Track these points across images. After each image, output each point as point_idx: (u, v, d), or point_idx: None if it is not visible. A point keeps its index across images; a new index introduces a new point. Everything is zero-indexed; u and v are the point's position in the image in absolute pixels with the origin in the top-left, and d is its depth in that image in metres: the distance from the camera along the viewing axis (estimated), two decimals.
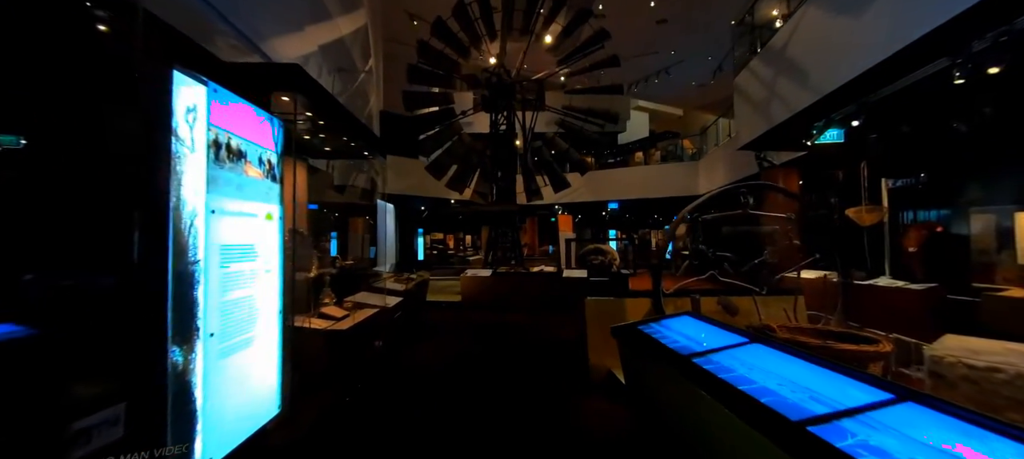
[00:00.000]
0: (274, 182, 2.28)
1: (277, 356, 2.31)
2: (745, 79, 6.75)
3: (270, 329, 2.25)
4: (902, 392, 1.60)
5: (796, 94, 5.02)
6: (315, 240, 3.96)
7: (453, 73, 10.95)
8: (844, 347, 2.62)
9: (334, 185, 6.10)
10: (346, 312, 4.06)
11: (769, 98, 5.75)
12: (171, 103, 1.56)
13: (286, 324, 2.40)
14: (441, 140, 11.42)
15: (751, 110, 6.44)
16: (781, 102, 5.37)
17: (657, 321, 3.19)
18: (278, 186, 2.33)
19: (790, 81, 5.19)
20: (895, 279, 5.94)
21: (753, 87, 6.34)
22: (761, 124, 6.08)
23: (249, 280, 2.06)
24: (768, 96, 5.78)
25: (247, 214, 2.05)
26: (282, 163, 2.35)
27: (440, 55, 10.60)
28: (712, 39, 15.49)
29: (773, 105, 5.62)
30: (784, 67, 5.36)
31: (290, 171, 2.82)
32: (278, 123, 2.31)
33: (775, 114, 5.56)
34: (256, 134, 2.12)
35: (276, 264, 2.32)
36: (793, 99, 5.05)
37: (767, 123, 5.83)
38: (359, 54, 9.68)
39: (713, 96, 19.81)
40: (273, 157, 2.28)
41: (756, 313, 3.70)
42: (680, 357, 2.34)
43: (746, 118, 6.69)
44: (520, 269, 9.88)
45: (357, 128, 3.59)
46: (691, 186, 14.71)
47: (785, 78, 5.33)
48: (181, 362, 1.61)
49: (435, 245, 23.66)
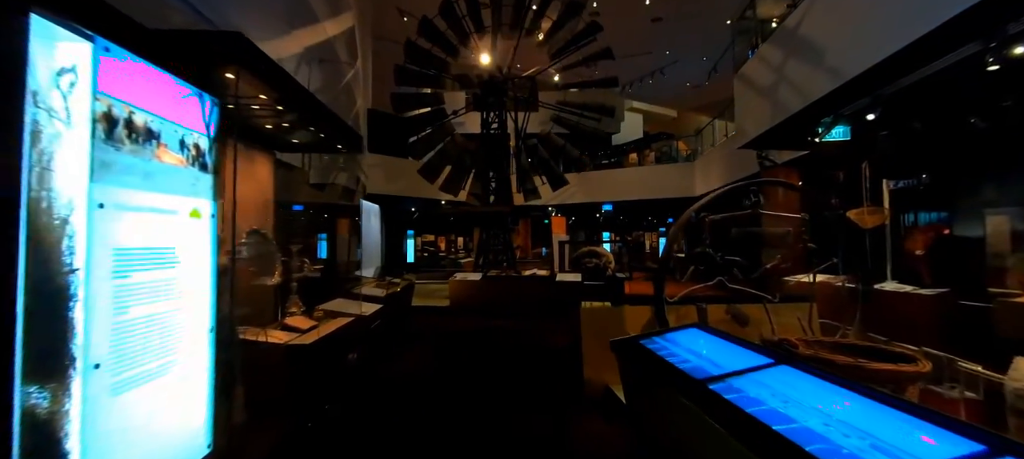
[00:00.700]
0: (204, 172, 1.88)
1: (207, 383, 1.90)
2: (750, 71, 6.41)
3: (197, 351, 1.84)
4: (995, 442, 1.24)
5: (809, 84, 4.66)
6: (284, 242, 3.54)
7: (443, 72, 10.58)
8: (880, 367, 2.27)
9: (311, 184, 5.68)
10: (315, 322, 3.65)
11: (776, 91, 5.42)
12: (25, 59, 1.15)
13: (221, 343, 1.99)
14: (433, 142, 11.02)
15: (754, 106, 6.12)
16: (791, 94, 5.03)
17: (661, 334, 2.82)
18: (210, 177, 1.92)
19: (802, 70, 4.83)
20: (901, 284, 5.64)
21: (758, 80, 6.01)
22: (765, 120, 5.76)
23: (164, 292, 1.65)
24: (775, 89, 5.45)
25: (161, 210, 1.64)
26: (217, 150, 1.94)
27: (428, 55, 10.22)
28: (708, 38, 15.26)
29: (780, 98, 5.30)
30: (796, 54, 4.99)
31: (234, 161, 2.41)
32: (211, 100, 1.91)
33: (783, 108, 5.23)
34: (176, 111, 1.72)
35: (207, 272, 1.91)
36: (806, 89, 4.68)
37: (771, 118, 5.51)
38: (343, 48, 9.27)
39: (708, 97, 19.63)
40: (203, 141, 1.87)
41: (768, 323, 3.35)
42: (693, 382, 1.97)
43: (749, 114, 6.37)
44: (512, 272, 9.50)
45: (324, 116, 3.19)
46: (687, 187, 14.44)
47: (796, 66, 4.96)
48: (45, 405, 1.20)
49: (426, 247, 23.19)
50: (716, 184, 11.60)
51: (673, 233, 3.17)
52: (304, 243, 3.68)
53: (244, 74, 2.53)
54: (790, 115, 4.90)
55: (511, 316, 7.68)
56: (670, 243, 3.08)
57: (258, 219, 3.56)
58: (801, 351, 2.52)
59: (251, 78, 2.80)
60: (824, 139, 5.21)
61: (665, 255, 3.03)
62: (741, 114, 7.03)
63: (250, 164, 3.43)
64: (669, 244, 3.11)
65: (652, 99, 21.69)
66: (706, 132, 15.12)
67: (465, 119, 12.48)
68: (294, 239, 4.19)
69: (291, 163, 4.81)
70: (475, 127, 11.52)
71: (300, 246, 3.68)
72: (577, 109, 10.82)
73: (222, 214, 1.96)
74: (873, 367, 2.28)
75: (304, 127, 3.55)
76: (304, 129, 3.59)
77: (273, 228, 3.85)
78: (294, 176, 4.64)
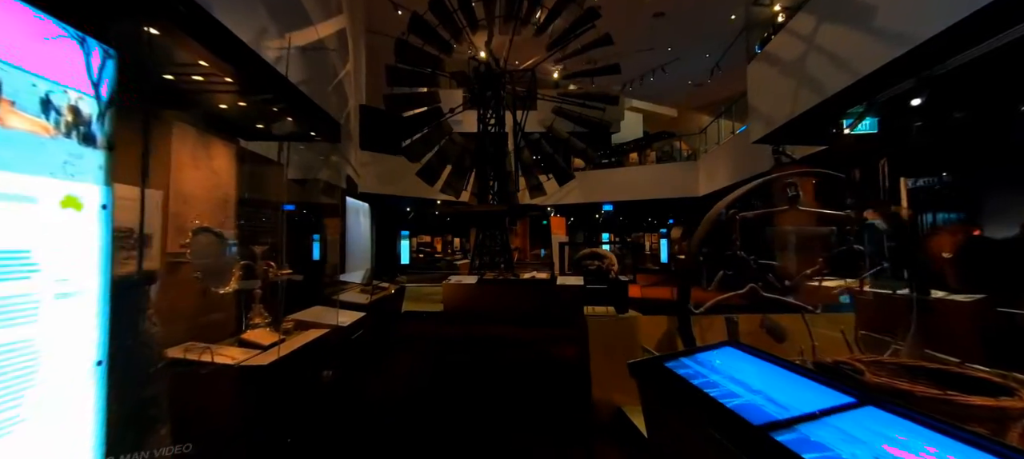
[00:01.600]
0: (88, 146, 1.37)
1: (93, 428, 1.39)
2: (773, 53, 5.86)
3: (74, 389, 1.33)
4: None
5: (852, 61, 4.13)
6: (247, 243, 3.04)
7: (437, 70, 10.13)
8: (976, 401, 1.81)
9: (292, 179, 5.18)
10: (281, 336, 3.14)
11: (802, 75, 4.92)
12: None
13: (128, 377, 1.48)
14: (430, 142, 10.55)
15: (773, 95, 5.64)
16: (823, 76, 4.52)
17: (690, 354, 2.34)
18: (100, 154, 1.41)
19: (843, 45, 4.31)
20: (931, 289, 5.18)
21: (782, 61, 5.51)
22: (785, 110, 5.29)
23: (10, 315, 1.15)
24: (801, 72, 4.96)
25: (3, 195, 1.14)
26: (114, 118, 1.44)
27: (420, 53, 9.76)
28: (711, 34, 14.88)
29: (807, 83, 4.81)
30: (835, 27, 4.47)
31: (161, 140, 1.91)
32: (102, 49, 1.41)
33: (812, 94, 4.73)
34: (38, 59, 1.22)
35: (94, 282, 1.40)
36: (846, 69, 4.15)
37: (794, 108, 5.03)
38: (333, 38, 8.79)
39: (710, 96, 19.31)
40: (87, 105, 1.37)
41: (809, 337, 2.87)
42: (749, 428, 1.48)
43: (766, 104, 5.90)
44: (509, 275, 9.00)
45: (292, 98, 2.70)
46: (690, 187, 14.00)
47: (836, 41, 4.43)
48: None
49: (422, 248, 22.67)
50: (722, 183, 11.15)
51: (701, 232, 2.69)
52: (270, 244, 3.18)
53: (184, 39, 2.03)
54: (825, 99, 4.38)
55: (509, 322, 7.18)
56: (697, 244, 2.60)
57: (214, 216, 3.05)
58: (868, 378, 2.04)
59: (198, 47, 2.30)
60: (850, 131, 4.74)
61: (691, 257, 2.54)
62: (756, 105, 6.55)
63: (204, 151, 2.92)
64: (695, 245, 2.63)
65: (652, 98, 21.37)
66: (711, 129, 14.69)
67: (462, 118, 12.04)
68: (262, 239, 3.68)
69: (266, 156, 4.31)
70: (473, 126, 11.06)
71: (265, 247, 3.17)
72: (579, 99, 10.36)
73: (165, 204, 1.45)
74: (966, 402, 1.80)
75: (270, 111, 3.04)
76: (272, 114, 3.09)
77: (235, 227, 3.34)
78: (267, 169, 4.13)
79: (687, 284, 2.71)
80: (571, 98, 10.58)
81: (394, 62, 9.85)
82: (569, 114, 10.45)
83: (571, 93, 10.71)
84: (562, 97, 10.73)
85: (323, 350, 3.40)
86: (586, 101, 10.28)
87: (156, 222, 2.35)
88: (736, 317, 2.86)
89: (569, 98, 10.60)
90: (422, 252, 22.40)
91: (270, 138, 3.61)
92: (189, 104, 2.74)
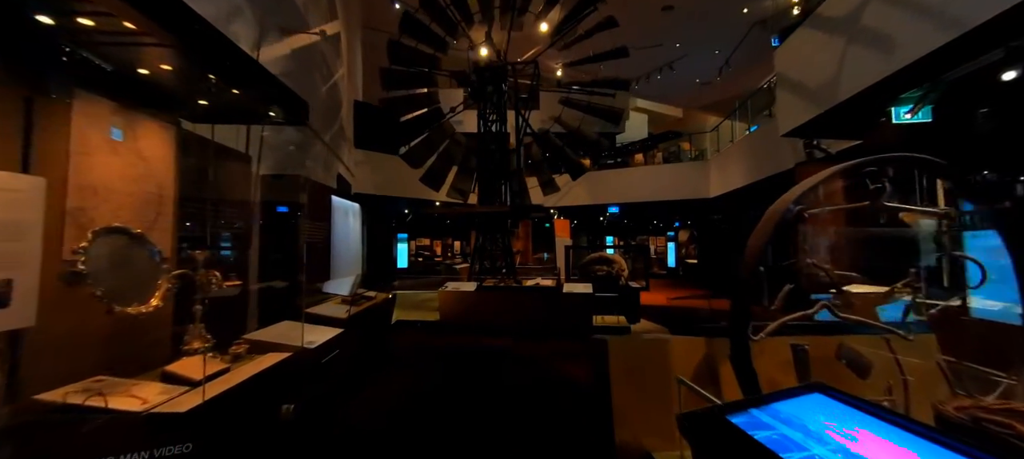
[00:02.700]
0: None
1: None
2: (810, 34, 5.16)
3: None
4: None
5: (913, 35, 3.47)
6: (191, 249, 2.41)
7: (434, 69, 9.57)
8: None
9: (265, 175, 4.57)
10: (227, 364, 2.50)
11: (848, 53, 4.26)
12: None
13: None
14: (432, 146, 9.96)
15: (812, 79, 4.98)
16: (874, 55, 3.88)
17: (762, 403, 1.71)
18: None
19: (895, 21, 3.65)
20: None
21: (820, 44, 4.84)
22: (824, 97, 4.64)
23: None
24: (844, 54, 4.30)
25: None
26: None
27: (415, 52, 9.20)
28: (720, 29, 14.32)
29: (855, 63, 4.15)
30: None
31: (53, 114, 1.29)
32: None
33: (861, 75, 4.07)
34: None
35: None
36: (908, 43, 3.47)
37: (834, 95, 4.37)
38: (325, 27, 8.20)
39: (718, 95, 18.76)
40: None
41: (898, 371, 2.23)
42: None
43: (799, 92, 5.25)
44: (511, 282, 8.35)
45: (240, 67, 2.08)
46: (701, 188, 13.36)
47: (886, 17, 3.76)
48: None
49: (421, 252, 22.03)
50: (738, 183, 10.51)
51: (762, 233, 2.05)
52: (212, 251, 2.55)
53: None
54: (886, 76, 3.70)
55: (511, 334, 6.53)
56: (758, 248, 1.97)
57: (140, 214, 2.42)
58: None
59: None
60: (903, 120, 4.10)
61: (750, 266, 1.90)
62: (786, 94, 5.88)
63: (129, 131, 2.29)
64: (756, 250, 2.00)
65: (659, 98, 20.86)
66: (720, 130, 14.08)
67: (462, 118, 11.46)
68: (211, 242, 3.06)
69: (227, 146, 3.68)
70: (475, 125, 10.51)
71: (208, 253, 2.54)
72: (587, 87, 9.76)
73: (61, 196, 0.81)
74: None
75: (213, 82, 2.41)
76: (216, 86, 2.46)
77: (174, 229, 2.72)
78: (228, 161, 3.50)
79: (744, 302, 2.07)
80: (578, 86, 9.99)
81: (388, 65, 9.31)
82: (577, 104, 9.83)
83: (578, 82, 10.12)
84: (569, 86, 10.14)
85: (283, 379, 2.76)
86: (594, 88, 9.67)
87: (32, 218, 1.72)
88: (806, 344, 2.22)
89: (576, 86, 10.02)
90: (421, 255, 21.76)
91: (219, 120, 2.98)
92: (98, 69, 2.11)
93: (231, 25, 4.93)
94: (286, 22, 5.81)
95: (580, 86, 9.93)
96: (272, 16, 5.67)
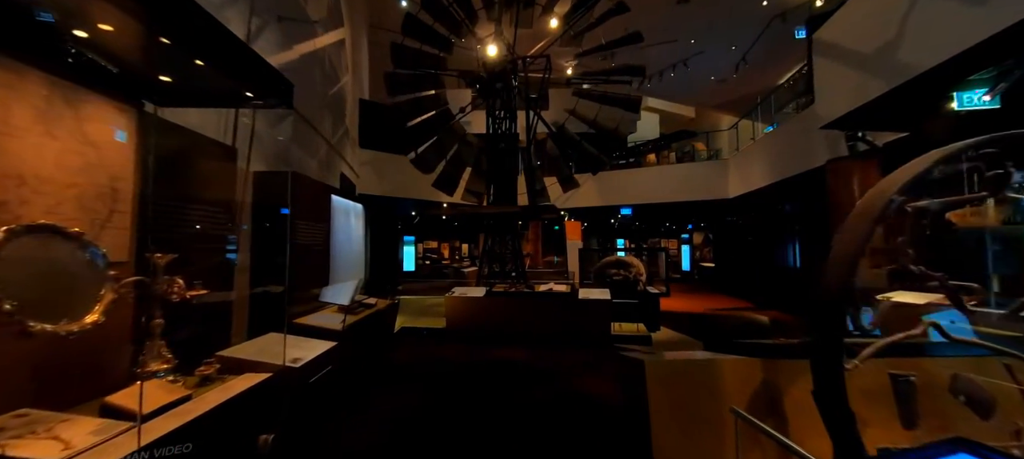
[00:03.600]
0: None
1: None
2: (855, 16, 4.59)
3: None
4: None
5: None
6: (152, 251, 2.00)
7: (441, 69, 9.20)
8: None
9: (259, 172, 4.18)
10: (188, 390, 2.08)
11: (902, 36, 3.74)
12: None
13: None
14: (442, 149, 9.57)
15: (860, 63, 4.45)
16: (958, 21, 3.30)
17: None
18: None
19: None
20: None
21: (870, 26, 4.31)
22: (874, 84, 4.13)
23: None
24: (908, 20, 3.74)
25: None
26: None
27: (420, 53, 8.83)
28: (738, 24, 13.80)
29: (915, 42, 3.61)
30: None
31: None
32: None
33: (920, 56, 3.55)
34: None
35: None
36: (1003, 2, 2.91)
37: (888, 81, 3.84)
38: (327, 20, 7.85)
39: (732, 93, 18.23)
40: None
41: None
42: None
43: (843, 80, 4.72)
44: (522, 287, 7.88)
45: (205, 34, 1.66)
46: (718, 188, 12.78)
47: None
48: None
49: (428, 255, 21.63)
50: (760, 183, 9.94)
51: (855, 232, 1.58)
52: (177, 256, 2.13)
53: None
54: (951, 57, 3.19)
55: (523, 344, 6.07)
56: (849, 257, 1.50)
57: (85, 209, 2.01)
58: None
59: None
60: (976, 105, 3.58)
61: (841, 279, 1.42)
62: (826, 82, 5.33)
63: (68, 111, 1.89)
64: (848, 256, 1.53)
65: (671, 96, 20.35)
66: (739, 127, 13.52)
67: (471, 119, 11.05)
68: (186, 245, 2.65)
69: (207, 136, 3.29)
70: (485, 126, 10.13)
71: (168, 258, 2.13)
72: (603, 76, 9.30)
73: None
74: None
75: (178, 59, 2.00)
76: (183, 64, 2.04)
77: (132, 228, 2.30)
78: (208, 153, 3.10)
79: (833, 323, 1.59)
80: (593, 76, 9.53)
81: (392, 69, 8.95)
82: (591, 94, 9.36)
83: (593, 71, 9.67)
84: (583, 76, 9.69)
85: (260, 404, 2.33)
86: (610, 76, 9.19)
87: None
88: (913, 376, 1.74)
89: (591, 76, 9.57)
90: (429, 258, 21.36)
91: (190, 102, 2.57)
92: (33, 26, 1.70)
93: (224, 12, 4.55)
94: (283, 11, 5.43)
95: (595, 75, 9.49)
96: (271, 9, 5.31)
